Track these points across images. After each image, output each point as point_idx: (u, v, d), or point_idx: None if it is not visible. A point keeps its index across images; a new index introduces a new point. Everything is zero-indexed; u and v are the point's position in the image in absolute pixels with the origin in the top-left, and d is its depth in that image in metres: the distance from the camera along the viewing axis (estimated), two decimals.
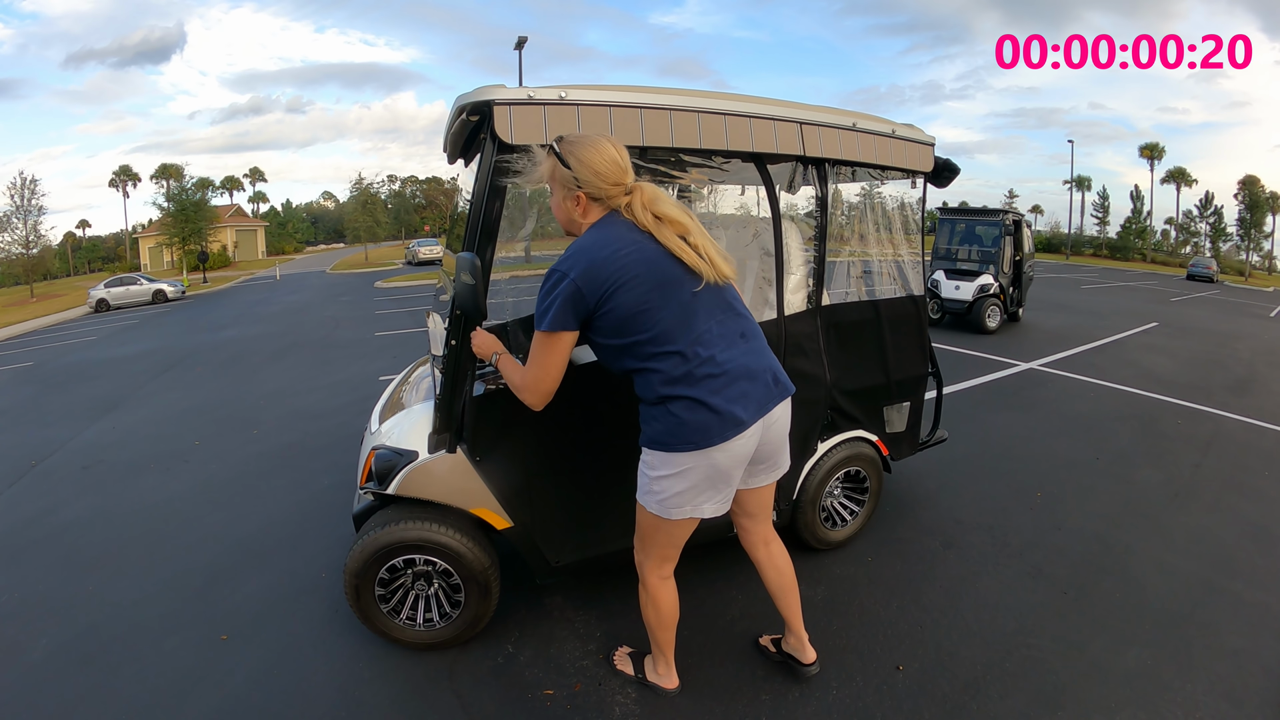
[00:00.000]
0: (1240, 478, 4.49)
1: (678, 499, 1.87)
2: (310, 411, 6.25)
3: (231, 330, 13.23)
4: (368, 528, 2.40)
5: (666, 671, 2.28)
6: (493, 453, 2.36)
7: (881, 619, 2.71)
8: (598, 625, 2.70)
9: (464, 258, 1.95)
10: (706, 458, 1.81)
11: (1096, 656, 2.53)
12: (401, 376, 3.49)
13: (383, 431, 2.60)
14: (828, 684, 2.32)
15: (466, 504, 2.37)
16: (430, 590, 2.49)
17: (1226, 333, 12.70)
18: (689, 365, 1.78)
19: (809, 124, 2.59)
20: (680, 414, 1.78)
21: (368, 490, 2.47)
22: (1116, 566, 3.22)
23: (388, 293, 20.14)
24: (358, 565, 2.35)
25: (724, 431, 1.79)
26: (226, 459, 4.99)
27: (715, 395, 1.79)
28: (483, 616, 2.51)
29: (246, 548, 3.51)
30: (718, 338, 1.83)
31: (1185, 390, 7.03)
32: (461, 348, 2.20)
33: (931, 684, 2.33)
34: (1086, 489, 4.17)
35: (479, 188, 2.11)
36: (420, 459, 2.34)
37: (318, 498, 4.09)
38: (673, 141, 2.27)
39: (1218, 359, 9.30)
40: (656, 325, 1.77)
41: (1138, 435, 5.38)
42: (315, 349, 10.03)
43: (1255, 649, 2.62)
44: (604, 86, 2.16)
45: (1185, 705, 2.28)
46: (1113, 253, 55.87)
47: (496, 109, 2.02)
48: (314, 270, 36.31)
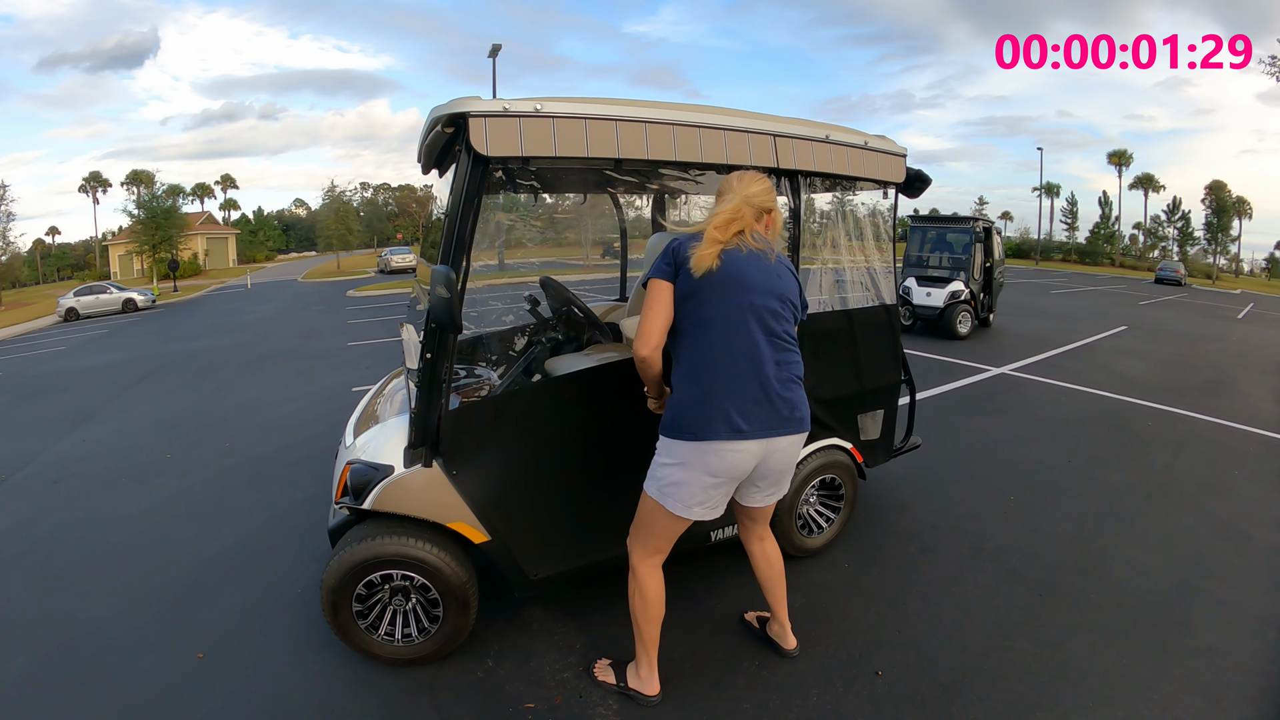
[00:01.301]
0: (1212, 478, 4.58)
1: (674, 489, 2.04)
2: (284, 423, 6.18)
3: (204, 340, 13.04)
4: (344, 543, 2.37)
5: (649, 675, 2.29)
6: (469, 466, 2.34)
7: (860, 625, 2.72)
8: (577, 637, 2.69)
9: (438, 271, 1.94)
10: (701, 453, 1.98)
11: (1073, 657, 2.56)
12: (376, 389, 3.47)
13: (358, 445, 2.57)
14: (808, 691, 2.32)
15: (443, 518, 2.34)
16: (408, 605, 2.46)
17: (1196, 335, 12.99)
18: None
19: (782, 136, 2.62)
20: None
21: (343, 505, 2.44)
22: (1091, 568, 3.26)
23: (360, 302, 20.02)
24: (335, 581, 2.32)
25: (719, 432, 1.97)
26: (200, 472, 4.92)
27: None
28: (461, 630, 2.48)
29: (222, 563, 3.45)
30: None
31: (1156, 392, 7.16)
32: (437, 360, 2.17)
33: (911, 688, 2.35)
34: (1060, 492, 4.23)
35: (454, 200, 2.10)
36: (396, 473, 2.31)
37: (293, 512, 4.03)
38: (648, 154, 2.30)
39: (1188, 361, 9.50)
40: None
41: (1110, 438, 5.47)
42: (289, 360, 9.93)
43: (1230, 646, 2.67)
44: (581, 99, 2.17)
45: (1162, 703, 2.32)
46: (1081, 257, 56.98)
47: (472, 121, 2.02)
48: (286, 279, 36.03)
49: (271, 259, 64.00)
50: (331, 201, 41.31)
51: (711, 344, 2.00)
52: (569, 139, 2.16)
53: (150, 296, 25.38)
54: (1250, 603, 3.01)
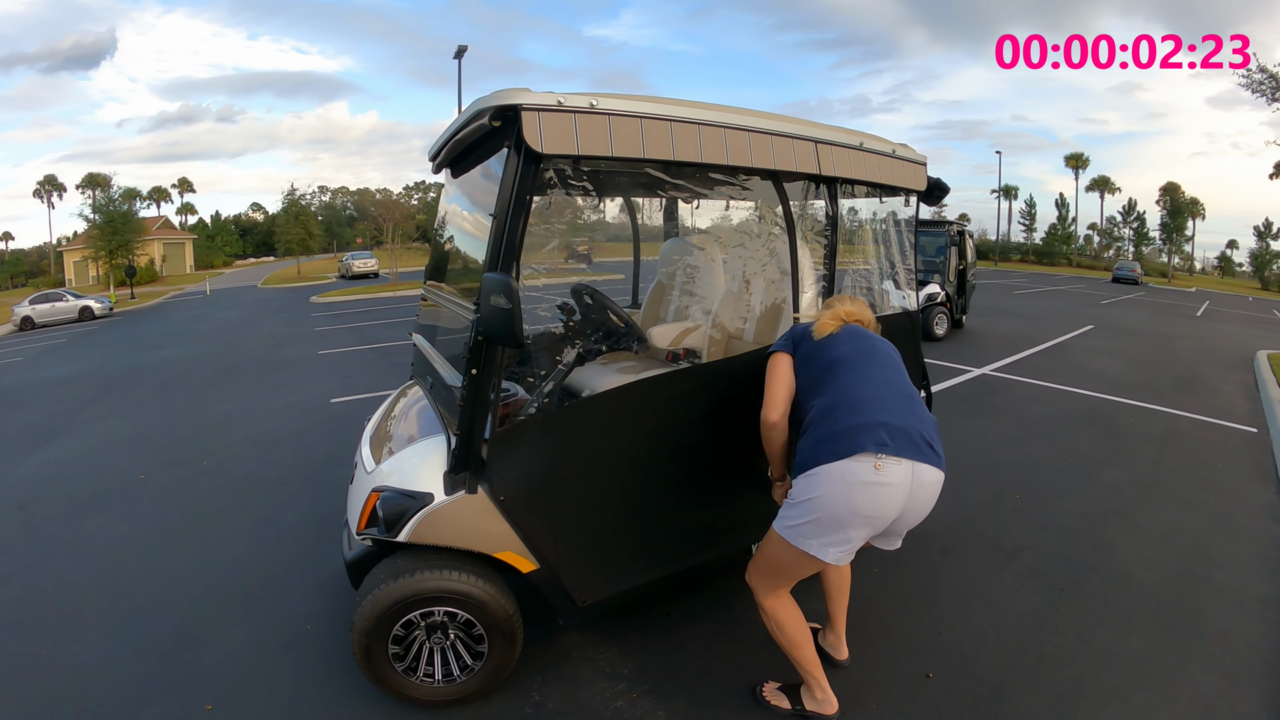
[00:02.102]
0: (1199, 472, 4.85)
1: (809, 527, 2.04)
2: (263, 439, 6.01)
3: (167, 350, 12.67)
4: (374, 580, 2.22)
5: (824, 696, 2.27)
6: (517, 491, 2.22)
7: (900, 630, 2.83)
8: (622, 662, 2.64)
9: (495, 279, 1.84)
10: (844, 483, 2.00)
11: (1102, 648, 2.72)
12: (386, 407, 3.31)
13: (384, 471, 2.40)
14: (867, 700, 2.40)
15: (491, 548, 2.23)
16: (447, 642, 2.31)
17: (1161, 333, 13.60)
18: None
19: (824, 143, 2.66)
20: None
21: (368, 537, 2.29)
22: (1103, 563, 3.44)
23: (325, 308, 19.68)
24: (369, 623, 2.15)
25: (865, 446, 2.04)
26: (178, 494, 4.72)
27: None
28: (506, 666, 2.36)
29: (215, 598, 3.24)
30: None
31: (1134, 390, 7.51)
32: (484, 377, 2.06)
33: (962, 688, 2.46)
34: (1061, 490, 4.43)
35: (503, 201, 2.00)
36: (437, 502, 2.17)
37: (285, 537, 3.87)
38: (701, 156, 2.25)
39: (1158, 359, 9.96)
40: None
41: (1098, 435, 5.73)
42: (259, 369, 9.71)
43: (1240, 629, 2.87)
44: (632, 96, 2.12)
45: (1189, 685, 2.50)
46: (1039, 258, 58.93)
47: (525, 115, 1.91)
48: (245, 285, 35.21)
49: (230, 264, 62.74)
50: (290, 205, 40.60)
51: (844, 377, 2.09)
52: (625, 138, 2.08)
53: (108, 304, 24.78)
54: (1251, 588, 3.22)
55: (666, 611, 2.90)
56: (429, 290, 3.25)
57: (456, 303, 2.62)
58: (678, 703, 2.40)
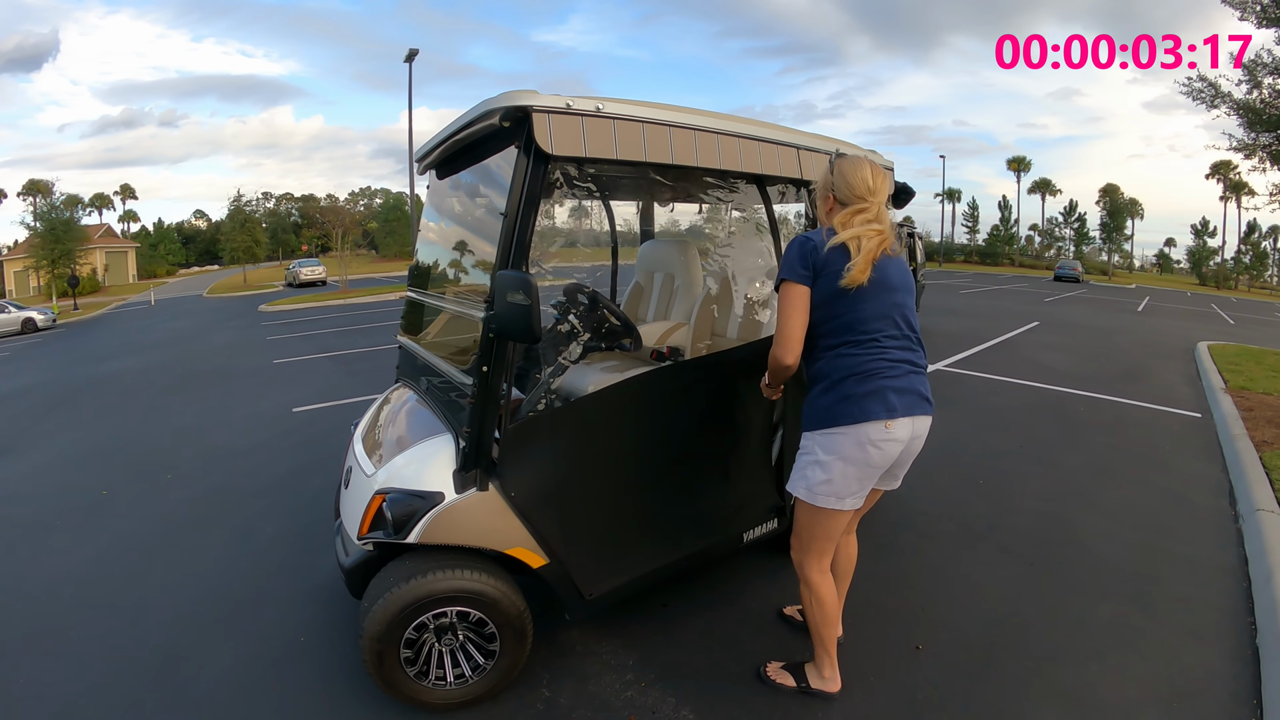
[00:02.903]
0: (1148, 454, 5.20)
1: (827, 486, 2.13)
2: (228, 450, 5.89)
3: (116, 362, 12.22)
4: (383, 584, 2.20)
5: (831, 674, 2.39)
6: (527, 485, 2.26)
7: (887, 608, 2.99)
8: (627, 653, 2.69)
9: (512, 276, 1.90)
10: (858, 443, 2.09)
11: (1076, 615, 2.93)
12: (374, 411, 3.30)
13: (388, 472, 2.39)
14: (865, 674, 2.53)
15: (503, 544, 2.25)
16: (457, 643, 2.32)
17: (1105, 328, 14.35)
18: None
19: (804, 149, 2.84)
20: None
21: (371, 540, 2.29)
22: (1067, 538, 3.68)
23: (275, 317, 19.32)
24: (381, 628, 2.14)
25: (877, 413, 2.08)
26: (145, 509, 4.58)
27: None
28: (517, 663, 2.38)
29: (200, 614, 3.14)
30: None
31: (1082, 381, 7.94)
32: (495, 373, 2.12)
33: (952, 658, 2.63)
34: (1023, 475, 4.69)
35: (514, 201, 2.05)
36: (448, 500, 2.18)
37: (266, 549, 3.80)
38: (697, 160, 2.38)
39: (1102, 352, 10.53)
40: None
41: (1052, 424, 6.07)
42: (214, 380, 9.48)
43: (1201, 594, 3.12)
44: (632, 101, 2.22)
45: (1160, 645, 2.73)
46: (983, 258, 61.47)
47: (535, 116, 1.97)
48: (190, 294, 34.32)
49: (173, 274, 61.56)
50: (236, 212, 39.71)
51: (861, 343, 2.08)
52: (628, 141, 2.18)
53: (51, 315, 24.17)
54: (1207, 557, 3.49)
55: (663, 603, 2.99)
56: (417, 293, 3.27)
57: (459, 302, 2.64)
58: (686, 688, 2.48)
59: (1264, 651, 2.63)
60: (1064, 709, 2.35)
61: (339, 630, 2.90)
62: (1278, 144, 5.86)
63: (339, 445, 5.50)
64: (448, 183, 3.05)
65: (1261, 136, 5.92)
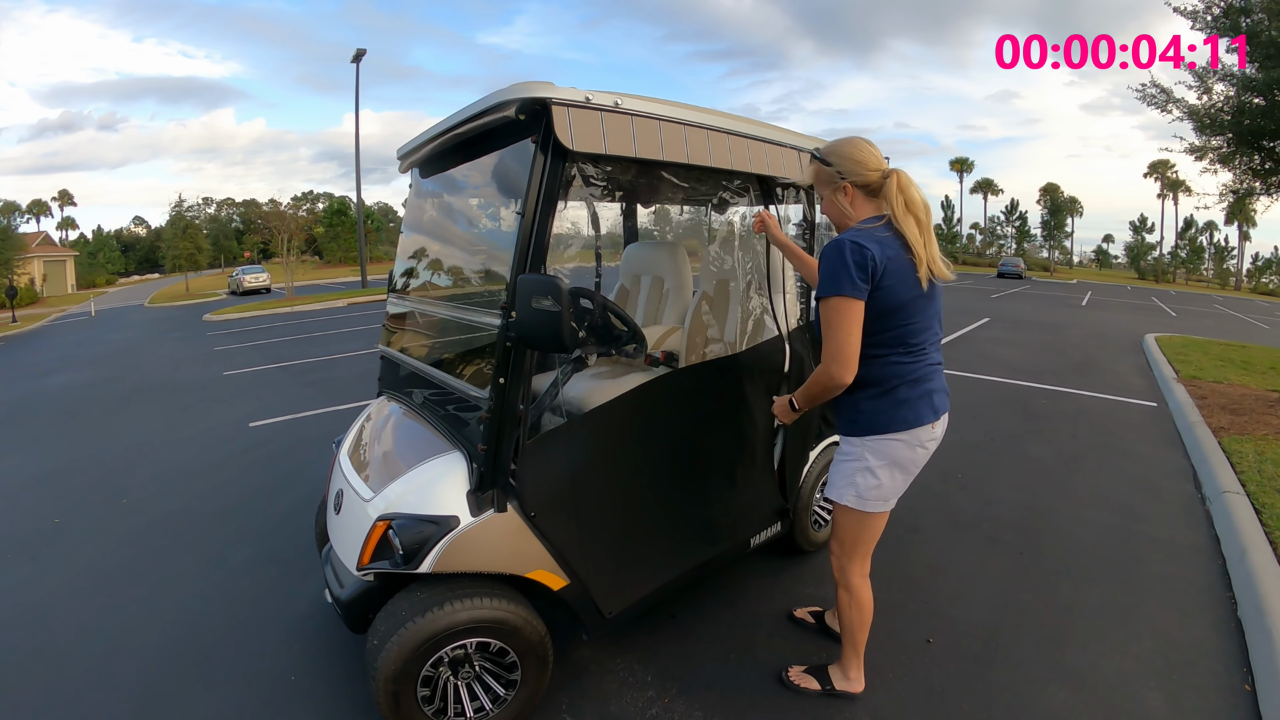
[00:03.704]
0: (1112, 443, 5.48)
1: (876, 490, 2.16)
2: (186, 469, 5.62)
3: (58, 377, 11.56)
4: (395, 619, 2.07)
5: (857, 675, 2.44)
6: (547, 504, 2.18)
7: (892, 604, 3.07)
8: (643, 669, 2.65)
9: (539, 280, 1.82)
10: (909, 446, 2.12)
11: (1068, 598, 3.10)
12: (358, 428, 3.10)
13: (390, 496, 2.24)
14: (883, 670, 2.61)
15: (523, 568, 2.16)
16: (473, 675, 2.22)
17: (1053, 323, 15.00)
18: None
19: (804, 151, 2.89)
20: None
21: (373, 571, 2.16)
22: (1047, 526, 3.87)
23: (222, 326, 18.63)
24: (396, 668, 2.00)
25: (926, 418, 2.12)
26: (102, 538, 4.29)
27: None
28: (539, 691, 2.29)
29: (175, 657, 2.87)
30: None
31: (1039, 375, 8.31)
32: (513, 385, 2.03)
33: (961, 648, 2.74)
34: (996, 467, 4.89)
35: (531, 199, 1.98)
36: (464, 524, 2.07)
37: (238, 578, 3.60)
38: (710, 160, 2.39)
39: (1056, 346, 11.02)
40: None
41: (1017, 417, 6.33)
42: (163, 394, 9.07)
43: (1179, 572, 3.33)
44: (648, 98, 2.19)
45: (1149, 619, 2.92)
46: None
47: (555, 109, 1.90)
48: (131, 304, 32.76)
49: (113, 283, 59.29)
50: (177, 218, 38.51)
51: (912, 349, 2.09)
52: (646, 139, 2.13)
53: None
54: (1179, 537, 3.72)
55: (671, 614, 3.01)
56: (403, 300, 3.17)
57: (464, 308, 2.56)
58: (709, 699, 2.47)
59: (1247, 623, 2.83)
60: (1074, 688, 2.47)
61: (332, 664, 2.74)
62: (1228, 147, 6.23)
63: (303, 461, 5.44)
64: (437, 181, 2.98)
65: (1213, 140, 6.28)
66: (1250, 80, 5.77)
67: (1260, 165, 6.22)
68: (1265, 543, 3.37)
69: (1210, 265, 66.33)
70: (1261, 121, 5.80)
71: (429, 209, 3.16)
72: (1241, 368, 8.63)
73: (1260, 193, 6.38)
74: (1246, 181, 6.43)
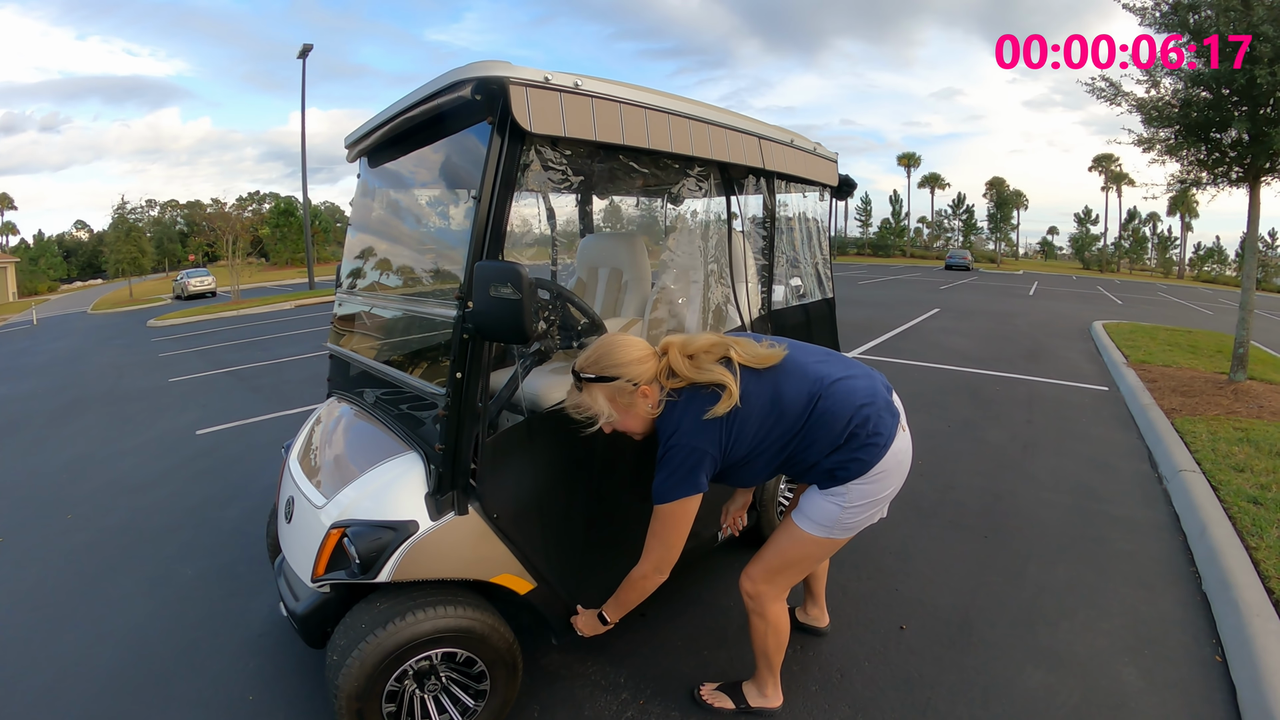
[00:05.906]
0: (1066, 426, 5.67)
1: (861, 521, 2.08)
2: (129, 482, 5.38)
3: None
4: (354, 632, 2.00)
5: (774, 691, 2.36)
6: (510, 505, 2.13)
7: (862, 593, 3.11)
8: (614, 672, 2.63)
9: (497, 267, 1.76)
10: (885, 470, 1.98)
11: (1036, 579, 3.17)
12: (308, 431, 3.02)
13: (344, 502, 2.15)
14: (858, 659, 2.63)
15: (487, 573, 2.12)
16: (440, 687, 2.16)
17: (1002, 312, 15.49)
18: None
19: (765, 139, 2.91)
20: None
21: (330, 582, 2.09)
22: (1010, 509, 3.97)
23: (166, 332, 17.95)
24: (359, 684, 1.93)
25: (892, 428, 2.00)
26: (45, 557, 4.08)
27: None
28: (509, 701, 2.24)
29: (127, 679, 2.76)
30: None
31: (990, 362, 8.56)
32: (472, 379, 1.96)
33: (934, 633, 2.77)
34: (955, 453, 5.01)
35: (489, 183, 1.92)
36: (424, 529, 2.00)
37: (189, 594, 3.46)
38: (671, 145, 2.35)
39: (1004, 334, 11.37)
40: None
41: (971, 404, 6.51)
42: (105, 403, 8.66)
43: (1142, 549, 3.46)
44: (611, 81, 2.14)
45: (1116, 597, 3.02)
46: (875, 250, 65.17)
47: (513, 88, 1.84)
48: (74, 311, 31.46)
49: (55, 289, 57.51)
50: (120, 221, 37.12)
51: (827, 416, 1.94)
52: (606, 122, 2.10)
53: None
54: (1139, 516, 3.86)
55: (641, 613, 2.95)
56: (352, 295, 3.08)
57: (417, 300, 2.49)
58: (685, 700, 2.45)
59: (1212, 596, 2.95)
60: (1049, 667, 2.53)
61: (291, 682, 2.65)
62: (1175, 139, 6.49)
63: (252, 469, 5.29)
64: (387, 169, 2.88)
65: (1161, 131, 6.55)
66: (1198, 75, 6.03)
67: (1206, 156, 6.51)
68: (1224, 518, 3.52)
69: (1154, 255, 69.51)
70: (1208, 113, 6.08)
71: (378, 199, 3.06)
72: (1189, 352, 9.02)
73: (1207, 183, 6.66)
74: (1193, 172, 6.71)
